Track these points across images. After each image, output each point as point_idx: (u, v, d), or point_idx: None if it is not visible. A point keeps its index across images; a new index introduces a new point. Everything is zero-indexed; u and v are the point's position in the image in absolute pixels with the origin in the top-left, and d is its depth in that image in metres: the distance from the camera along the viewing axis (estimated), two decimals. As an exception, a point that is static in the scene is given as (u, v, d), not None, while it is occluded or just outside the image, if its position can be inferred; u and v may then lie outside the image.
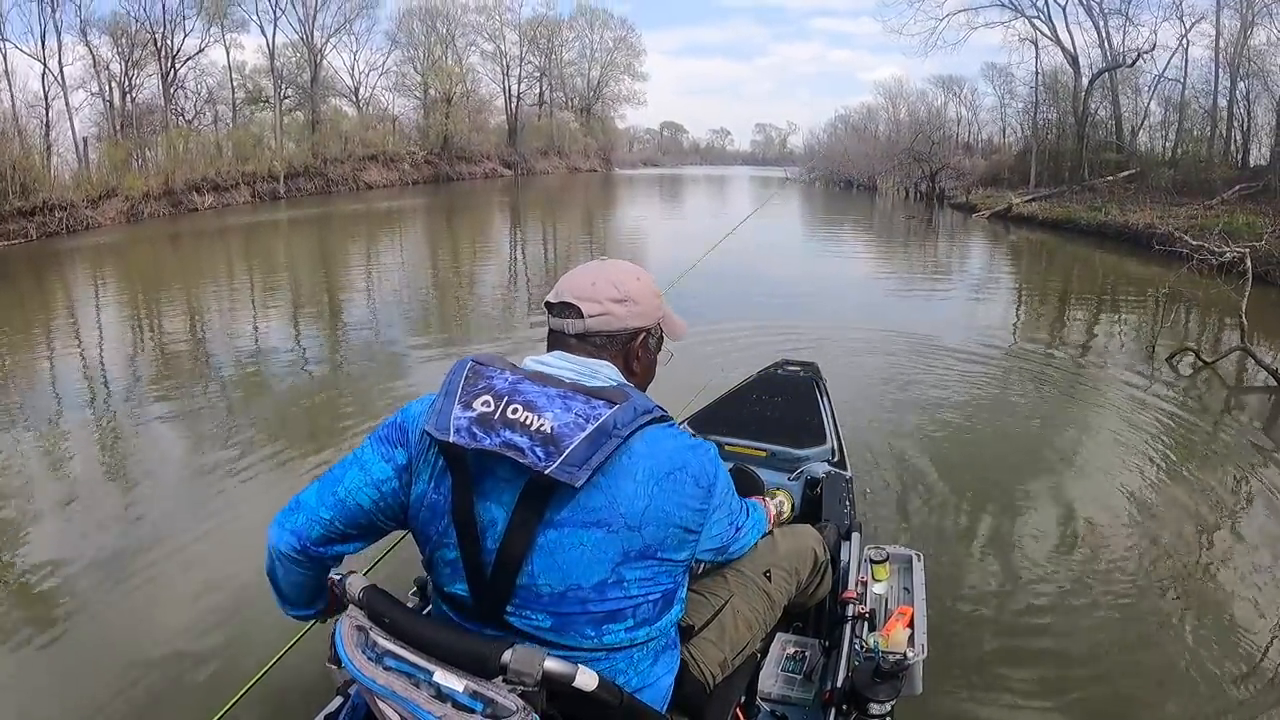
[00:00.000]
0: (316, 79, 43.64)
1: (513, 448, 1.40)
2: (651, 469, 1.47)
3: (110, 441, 6.19)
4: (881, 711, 2.09)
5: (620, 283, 1.65)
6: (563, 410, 1.43)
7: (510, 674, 1.34)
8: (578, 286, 1.64)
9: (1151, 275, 13.76)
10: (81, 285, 14.87)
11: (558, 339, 1.64)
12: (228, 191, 31.77)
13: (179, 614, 3.71)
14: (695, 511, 1.52)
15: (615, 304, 1.62)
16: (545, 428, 1.41)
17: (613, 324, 1.62)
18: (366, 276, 14.98)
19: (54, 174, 25.59)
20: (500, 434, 1.42)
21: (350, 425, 6.21)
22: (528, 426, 1.41)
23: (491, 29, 57.94)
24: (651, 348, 1.73)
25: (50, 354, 9.01)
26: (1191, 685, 3.19)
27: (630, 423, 1.45)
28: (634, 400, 1.49)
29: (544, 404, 1.44)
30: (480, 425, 1.43)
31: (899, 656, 2.18)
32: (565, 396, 1.46)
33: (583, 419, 1.42)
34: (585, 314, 1.61)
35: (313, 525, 1.60)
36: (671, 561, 1.54)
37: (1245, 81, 26.93)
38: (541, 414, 1.43)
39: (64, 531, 4.62)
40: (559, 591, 1.48)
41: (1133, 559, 4.18)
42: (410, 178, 44.92)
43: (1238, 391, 7.41)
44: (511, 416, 1.43)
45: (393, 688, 1.40)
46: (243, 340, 9.40)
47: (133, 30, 33.98)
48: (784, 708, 2.33)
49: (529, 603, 1.50)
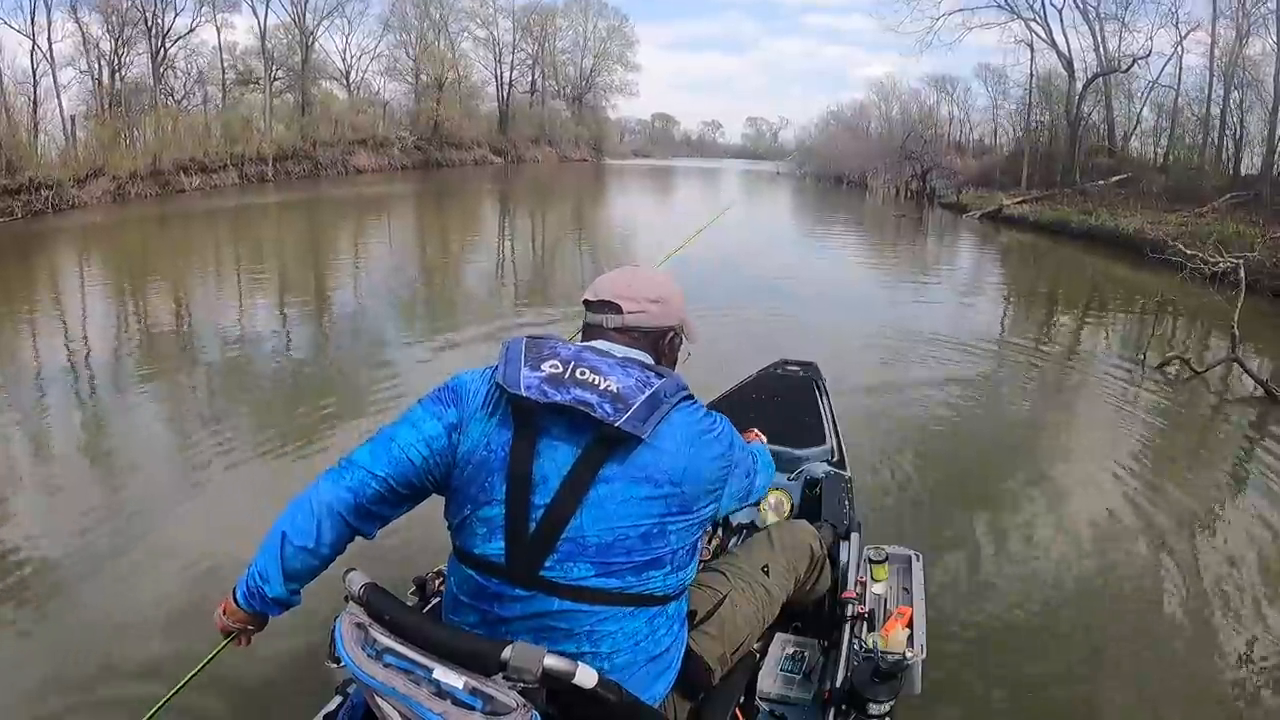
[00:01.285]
0: (308, 61, 43.23)
1: (584, 403, 1.54)
2: (688, 434, 1.62)
3: (93, 424, 6.14)
4: (880, 711, 2.11)
5: (656, 285, 1.82)
6: (624, 375, 1.60)
7: (510, 671, 1.36)
8: (617, 286, 1.80)
9: (1142, 281, 13.83)
10: (67, 266, 14.75)
11: (597, 332, 1.78)
12: (215, 173, 31.46)
13: (158, 600, 3.69)
14: (720, 470, 1.68)
15: (651, 303, 1.79)
16: (613, 387, 1.57)
17: (647, 321, 1.78)
18: (354, 263, 14.89)
19: (41, 152, 25.28)
20: (571, 391, 1.56)
21: (334, 410, 6.18)
22: (596, 386, 1.57)
23: (485, 15, 57.70)
24: (676, 346, 1.90)
25: (34, 335, 8.91)
26: (1190, 685, 3.23)
27: (674, 394, 1.62)
28: (674, 378, 1.67)
29: (607, 369, 1.61)
30: (551, 383, 1.57)
31: (898, 656, 2.21)
32: (624, 365, 1.64)
33: (641, 384, 1.59)
34: (624, 310, 1.77)
35: (368, 482, 1.69)
36: (701, 513, 1.67)
37: (1239, 91, 27.06)
38: (606, 376, 1.59)
39: (44, 514, 4.58)
40: (607, 542, 1.56)
41: (1130, 560, 4.24)
42: (400, 163, 44.65)
43: (1229, 402, 7.43)
44: (580, 377, 1.58)
45: (393, 685, 1.41)
46: (229, 325, 9.30)
47: (123, 8, 33.55)
48: (783, 707, 2.35)
49: (573, 555, 1.56)
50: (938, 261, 17.78)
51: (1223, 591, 3.96)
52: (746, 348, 6.31)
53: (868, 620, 2.49)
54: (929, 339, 8.94)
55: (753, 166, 69.50)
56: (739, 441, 1.79)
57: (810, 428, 3.74)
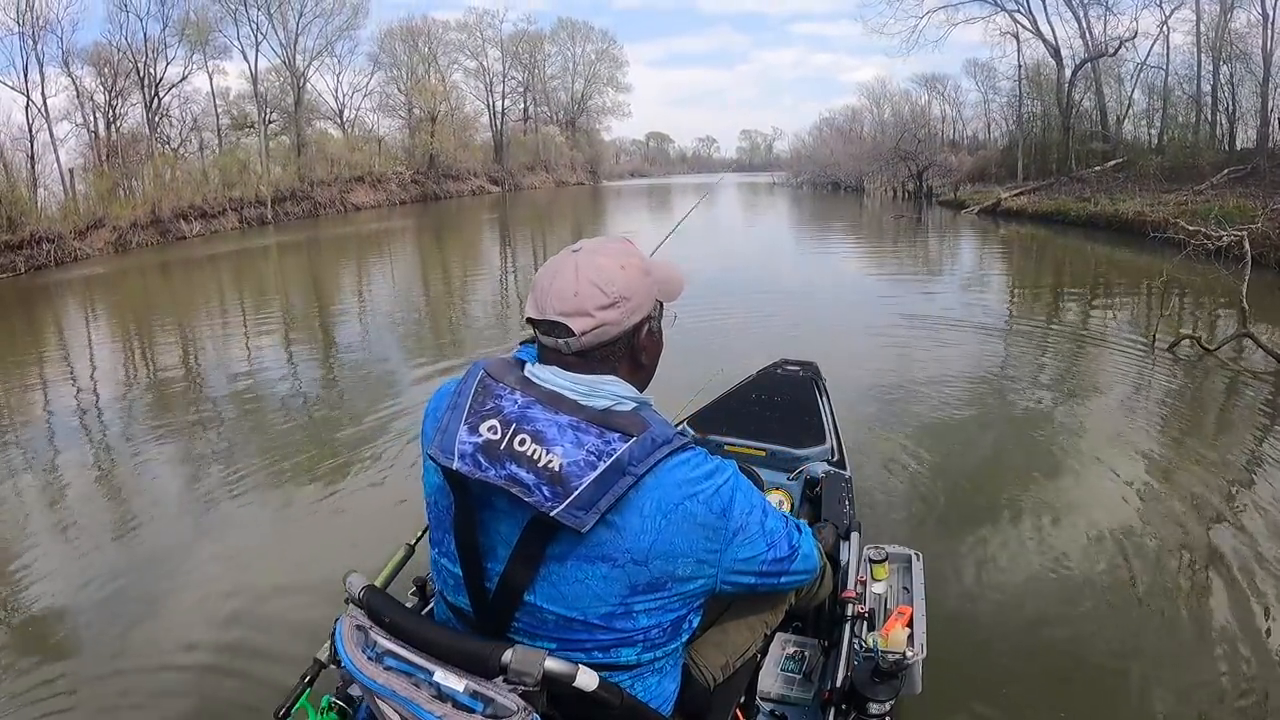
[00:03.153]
0: (300, 102, 43.65)
1: (518, 483, 1.35)
2: (660, 502, 1.40)
3: (106, 471, 6.09)
4: (881, 711, 2.07)
5: (606, 282, 1.46)
6: (574, 446, 1.36)
7: (511, 674, 1.33)
8: (560, 299, 1.45)
9: (1145, 264, 13.74)
10: (73, 317, 14.78)
11: (553, 356, 1.50)
12: (215, 218, 31.70)
13: (180, 640, 3.65)
14: (707, 539, 1.45)
15: (604, 311, 1.45)
16: (554, 465, 1.35)
17: (609, 332, 1.47)
18: (358, 299, 14.90)
19: (41, 206, 25.47)
20: (506, 466, 1.37)
21: (344, 447, 6.12)
22: (535, 462, 1.36)
23: (474, 46, 58.33)
24: (655, 331, 1.60)
25: (44, 387, 8.91)
26: (1194, 683, 3.13)
27: (645, 459, 1.38)
28: (652, 431, 1.41)
29: (554, 436, 1.37)
30: (485, 454, 1.39)
31: (898, 656, 2.15)
32: (577, 428, 1.39)
33: (594, 456, 1.36)
34: (576, 331, 1.45)
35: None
36: (683, 592, 1.48)
37: (1228, 65, 27.14)
38: (550, 448, 1.36)
39: (62, 562, 4.53)
40: (564, 619, 1.45)
41: (1136, 556, 4.09)
42: (397, 197, 44.97)
43: (1242, 377, 7.26)
44: (519, 449, 1.37)
45: (393, 687, 1.39)
46: (237, 367, 9.26)
47: (115, 59, 33.93)
48: (783, 707, 2.33)
49: (534, 627, 1.47)
50: (939, 259, 17.72)
51: (1240, 586, 3.79)
52: (746, 348, 6.26)
53: (868, 620, 2.46)
54: (930, 337, 8.89)
55: (749, 179, 69.77)
56: (744, 500, 1.50)
57: (810, 427, 3.72)
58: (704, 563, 1.46)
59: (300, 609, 3.77)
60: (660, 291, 1.59)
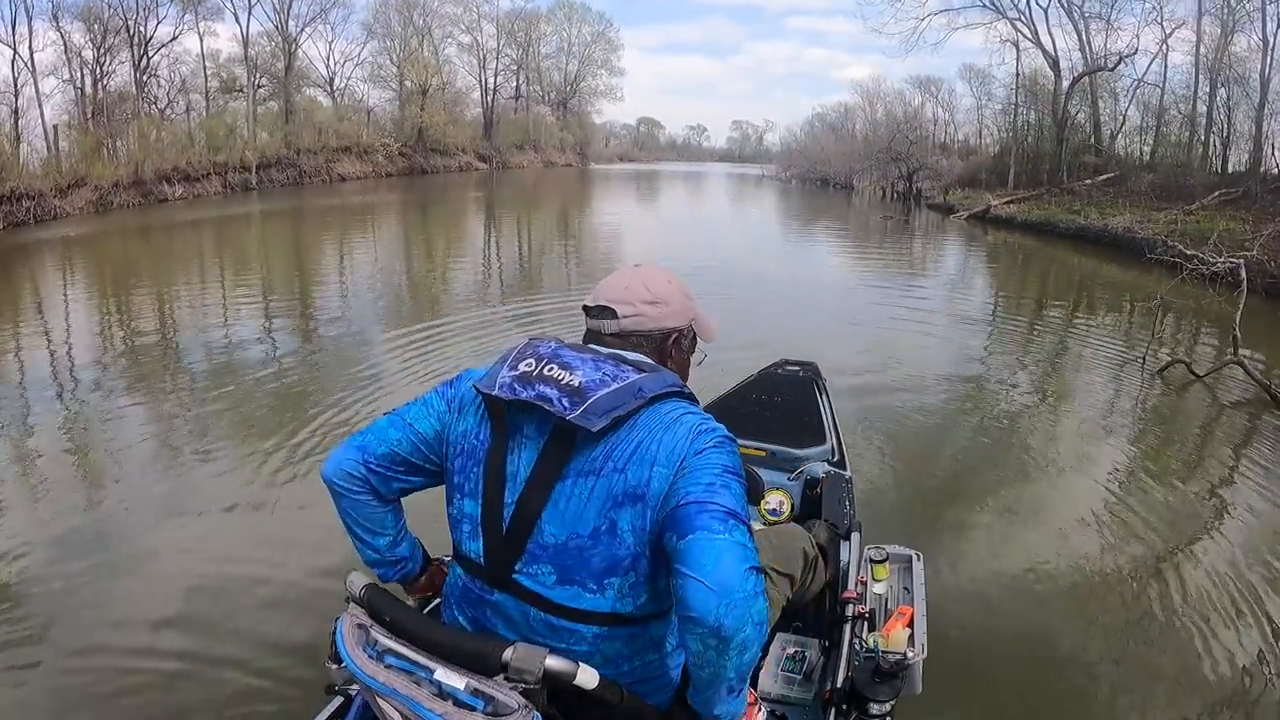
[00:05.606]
0: (291, 68, 43.10)
1: (543, 398, 1.51)
2: (651, 424, 1.53)
3: (79, 435, 6.00)
4: (881, 711, 2.12)
5: (652, 285, 1.73)
6: (593, 370, 1.54)
7: (511, 671, 1.37)
8: (612, 290, 1.72)
9: (1134, 281, 13.85)
10: (50, 278, 14.51)
11: (595, 338, 1.72)
12: (199, 182, 31.26)
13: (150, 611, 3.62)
14: (678, 447, 1.50)
15: (647, 305, 1.71)
16: (575, 382, 1.52)
17: (645, 324, 1.71)
18: (339, 273, 14.77)
19: (23, 162, 25.02)
20: (536, 388, 1.53)
21: (320, 419, 6.06)
22: (559, 381, 1.52)
23: (469, 21, 57.67)
24: (685, 348, 1.80)
25: (17, 347, 8.72)
26: (1190, 686, 3.21)
27: (656, 389, 1.54)
28: (664, 374, 1.59)
29: (577, 364, 1.56)
30: (520, 381, 1.55)
31: (899, 656, 2.21)
32: (598, 360, 1.58)
33: (609, 378, 1.53)
34: (620, 315, 1.69)
35: (380, 442, 1.73)
36: (660, 504, 1.48)
37: (1225, 88, 27.26)
38: (574, 371, 1.54)
39: (32, 526, 4.48)
40: (561, 541, 1.53)
41: (1136, 556, 4.25)
42: (384, 170, 44.53)
43: (1231, 406, 7.33)
44: (548, 374, 1.54)
45: (394, 686, 1.42)
46: (214, 336, 9.16)
47: (106, 16, 33.35)
48: (784, 707, 2.37)
49: (538, 557, 1.55)
50: (927, 264, 17.81)
51: (1227, 592, 3.95)
52: (743, 349, 6.20)
53: (868, 620, 2.50)
54: (927, 339, 8.97)
55: (738, 170, 69.85)
56: (729, 457, 1.53)
57: (810, 427, 3.73)
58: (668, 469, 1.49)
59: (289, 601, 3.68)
60: (698, 324, 1.81)
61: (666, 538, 1.44)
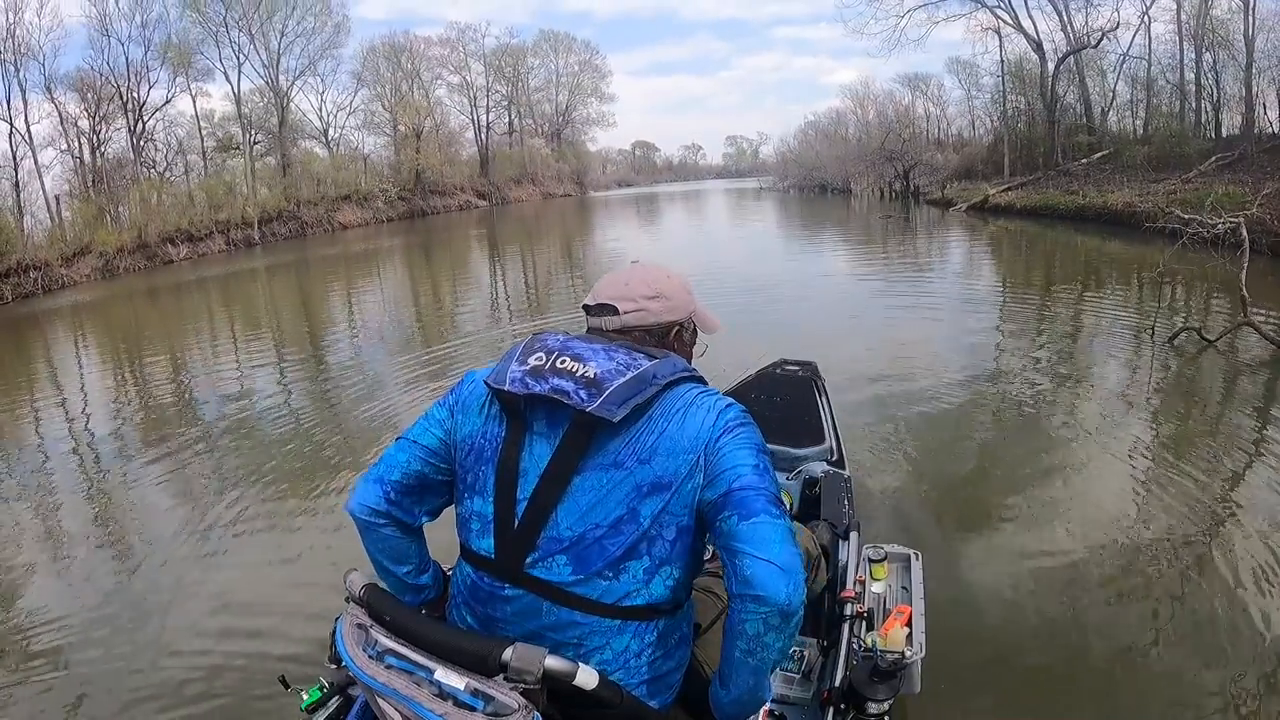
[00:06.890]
0: (285, 122, 43.58)
1: (560, 391, 1.53)
2: (669, 410, 1.56)
3: (101, 498, 6.00)
4: (880, 710, 2.12)
5: (652, 280, 1.76)
6: (606, 360, 1.57)
7: (511, 672, 1.37)
8: (612, 287, 1.76)
9: (1137, 254, 13.76)
10: (62, 345, 14.70)
11: (597, 336, 1.72)
12: (202, 241, 31.64)
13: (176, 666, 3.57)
14: (703, 429, 1.55)
15: (648, 300, 1.73)
16: (590, 373, 1.54)
17: (647, 319, 1.73)
18: (348, 320, 14.80)
19: (27, 234, 25.37)
20: (550, 381, 1.55)
21: (338, 466, 6.04)
22: (574, 374, 1.54)
23: (456, 61, 58.30)
24: (686, 340, 1.83)
25: (35, 415, 8.80)
26: (1192, 685, 3.08)
27: (669, 375, 1.58)
28: (674, 359, 1.63)
29: (590, 355, 1.58)
30: (533, 375, 1.57)
31: (897, 656, 2.23)
32: (609, 349, 1.60)
33: (624, 367, 1.55)
34: (621, 311, 1.72)
35: (392, 469, 1.73)
36: (684, 491, 1.53)
37: (1210, 53, 27.19)
38: (588, 363, 1.56)
39: (58, 590, 4.46)
40: (579, 533, 1.54)
41: (1136, 554, 4.02)
42: (385, 215, 44.88)
43: (1244, 368, 7.14)
44: (560, 366, 1.56)
45: (394, 686, 1.42)
46: (229, 390, 9.17)
47: (98, 85, 33.85)
48: (783, 707, 2.37)
49: (552, 550, 1.55)
50: (929, 258, 17.71)
51: (1242, 584, 3.70)
52: (743, 350, 6.21)
53: (867, 619, 2.51)
54: (926, 337, 8.86)
55: (736, 185, 70.02)
56: (751, 432, 1.59)
57: (809, 427, 3.77)
58: (694, 454, 1.53)
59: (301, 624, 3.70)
60: (699, 317, 1.84)
61: (723, 518, 1.51)
